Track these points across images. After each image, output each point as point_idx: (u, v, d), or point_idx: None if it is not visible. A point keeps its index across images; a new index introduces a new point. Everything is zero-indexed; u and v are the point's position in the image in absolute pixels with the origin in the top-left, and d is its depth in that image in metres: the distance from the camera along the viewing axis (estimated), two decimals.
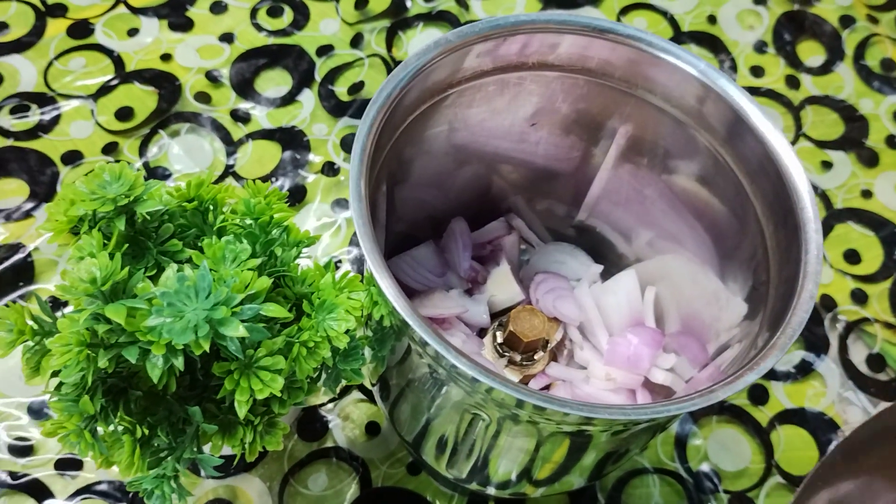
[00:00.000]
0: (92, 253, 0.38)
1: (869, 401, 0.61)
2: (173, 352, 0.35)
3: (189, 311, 0.34)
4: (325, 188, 0.66)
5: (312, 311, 0.41)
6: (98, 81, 0.69)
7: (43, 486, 0.53)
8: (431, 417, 0.45)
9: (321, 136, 0.68)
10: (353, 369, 0.44)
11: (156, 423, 0.41)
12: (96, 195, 0.39)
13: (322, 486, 0.55)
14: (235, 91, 0.70)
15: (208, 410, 0.42)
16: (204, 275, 0.35)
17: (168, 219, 0.42)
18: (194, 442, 0.42)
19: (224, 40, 0.73)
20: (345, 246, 0.64)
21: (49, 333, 0.41)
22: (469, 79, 0.45)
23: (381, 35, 0.74)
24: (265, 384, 0.38)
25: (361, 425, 0.57)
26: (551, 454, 0.43)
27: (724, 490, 0.57)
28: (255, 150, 0.67)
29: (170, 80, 0.70)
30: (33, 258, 0.61)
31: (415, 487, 0.55)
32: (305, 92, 0.71)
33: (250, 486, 0.54)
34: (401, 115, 0.43)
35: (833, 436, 0.59)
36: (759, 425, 0.59)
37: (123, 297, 0.37)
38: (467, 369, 0.34)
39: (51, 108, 0.68)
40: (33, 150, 0.66)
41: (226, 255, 0.38)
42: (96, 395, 0.39)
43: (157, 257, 0.41)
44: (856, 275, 0.66)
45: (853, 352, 0.63)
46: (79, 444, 0.40)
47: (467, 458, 0.46)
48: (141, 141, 0.67)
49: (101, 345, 0.37)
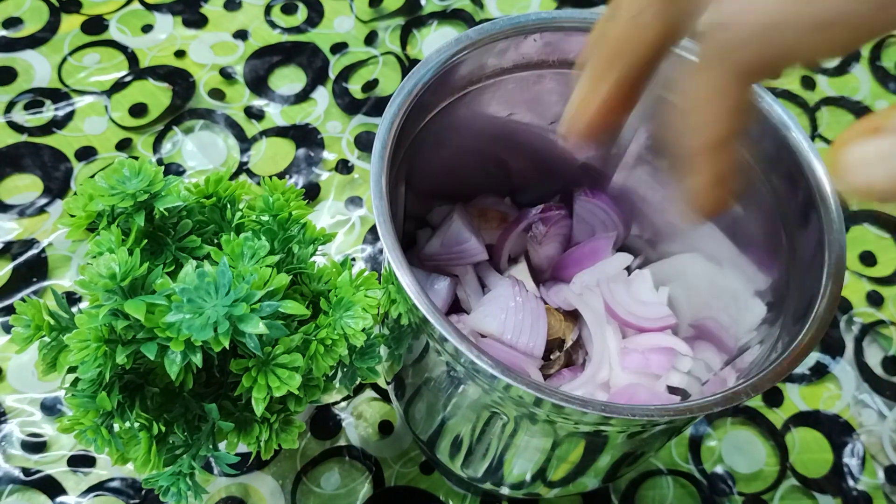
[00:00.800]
0: (111, 248, 0.38)
1: (885, 403, 0.60)
2: (192, 348, 0.35)
3: (209, 307, 0.34)
4: (339, 186, 0.66)
5: (329, 308, 0.40)
6: (112, 77, 0.69)
7: (56, 483, 0.53)
8: (447, 416, 0.45)
9: (335, 133, 0.68)
10: (370, 367, 0.44)
11: (172, 420, 0.41)
12: (116, 190, 0.38)
13: (335, 484, 0.54)
14: (249, 88, 0.70)
15: (224, 408, 0.42)
16: (224, 271, 0.35)
17: (186, 215, 0.42)
18: (210, 439, 0.42)
19: (238, 37, 0.73)
20: (358, 244, 0.63)
21: (66, 329, 0.41)
22: (489, 76, 0.44)
23: (396, 33, 0.74)
24: (283, 382, 0.38)
25: (375, 424, 0.57)
26: (567, 455, 0.43)
27: (738, 492, 0.56)
28: (269, 147, 0.67)
29: (184, 76, 0.70)
30: (47, 254, 0.61)
31: (428, 487, 0.55)
32: (319, 89, 0.70)
33: (263, 484, 0.54)
34: (420, 113, 0.43)
35: (848, 439, 0.59)
36: (773, 427, 0.59)
37: (142, 293, 0.37)
38: (487, 367, 0.34)
39: (65, 104, 0.68)
40: (47, 146, 0.66)
41: (244, 251, 0.38)
42: (113, 391, 0.39)
43: (176, 253, 0.41)
44: (872, 277, 0.65)
45: (869, 354, 0.62)
46: (95, 440, 0.40)
47: (483, 457, 0.46)
48: (155, 137, 0.67)
49: (119, 341, 0.37)
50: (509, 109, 0.47)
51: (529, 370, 0.47)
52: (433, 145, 0.46)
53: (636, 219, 0.54)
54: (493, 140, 0.50)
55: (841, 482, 0.57)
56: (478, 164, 0.52)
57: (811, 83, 0.75)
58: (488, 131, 0.48)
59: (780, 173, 0.43)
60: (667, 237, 0.53)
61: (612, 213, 0.53)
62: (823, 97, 0.74)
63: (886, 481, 0.58)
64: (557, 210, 0.53)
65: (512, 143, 0.50)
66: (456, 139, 0.47)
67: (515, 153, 0.51)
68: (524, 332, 0.47)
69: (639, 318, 0.50)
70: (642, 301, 0.50)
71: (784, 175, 0.42)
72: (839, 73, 0.76)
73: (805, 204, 0.41)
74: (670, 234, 0.52)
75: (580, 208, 0.53)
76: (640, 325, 0.50)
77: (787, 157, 0.42)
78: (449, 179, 0.51)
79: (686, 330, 0.52)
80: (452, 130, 0.46)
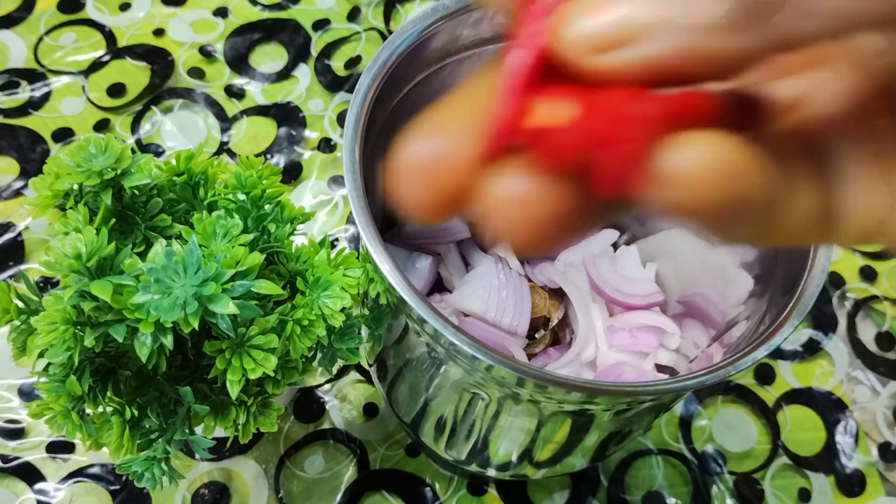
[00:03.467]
0: (77, 228, 0.37)
1: (878, 380, 0.59)
2: (162, 330, 0.34)
3: (177, 287, 0.33)
4: (322, 165, 0.64)
5: (307, 288, 0.39)
6: (89, 57, 0.68)
7: (34, 470, 0.52)
8: (430, 398, 0.44)
9: (317, 111, 0.67)
10: (349, 348, 0.43)
11: (146, 404, 0.40)
12: (82, 168, 0.37)
13: (319, 468, 0.54)
14: (230, 66, 0.68)
15: (200, 391, 0.41)
16: (192, 250, 0.34)
17: (157, 193, 0.41)
18: (186, 423, 0.41)
19: (218, 14, 0.71)
20: (342, 224, 0.62)
21: (35, 312, 0.40)
22: (468, 47, 0.43)
23: (379, 8, 0.73)
24: (258, 363, 0.37)
25: (359, 406, 0.56)
26: (553, 434, 0.42)
27: (729, 471, 0.56)
28: (250, 126, 0.66)
29: (162, 55, 0.68)
30: (23, 237, 0.60)
31: (413, 469, 0.54)
32: (301, 67, 0.69)
33: (245, 468, 0.53)
34: (397, 86, 0.41)
35: (841, 416, 0.58)
36: (765, 405, 0.58)
37: (110, 274, 0.36)
38: (467, 347, 0.33)
39: (41, 85, 0.66)
40: (23, 128, 0.64)
41: (216, 230, 0.37)
42: (84, 375, 0.38)
43: (146, 233, 0.39)
44: (864, 251, 0.64)
45: (862, 330, 0.61)
46: (66, 425, 0.39)
47: (467, 438, 0.45)
48: (133, 118, 0.65)
49: (87, 323, 0.36)
50: None
51: (513, 349, 0.46)
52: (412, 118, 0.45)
53: None
54: None
55: (834, 460, 0.57)
56: None
57: None
58: None
59: None
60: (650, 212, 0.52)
61: None
62: None
63: (880, 458, 0.57)
64: None
65: None
66: None
67: None
68: (508, 310, 0.46)
69: (626, 295, 0.49)
70: (629, 278, 0.49)
71: None
72: None
73: None
74: None
75: None
76: (628, 302, 0.49)
77: None
78: None
79: (674, 307, 0.51)
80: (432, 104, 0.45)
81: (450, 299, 0.48)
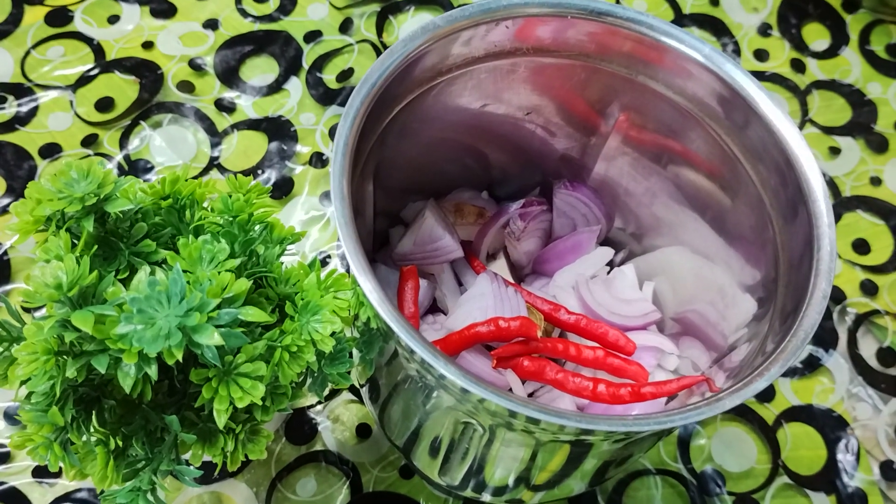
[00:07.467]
0: (59, 255, 0.36)
1: (879, 397, 0.59)
2: (146, 360, 0.33)
3: (161, 317, 0.32)
4: (314, 180, 0.63)
5: (296, 313, 0.38)
6: (77, 71, 0.67)
7: (20, 495, 0.51)
8: (422, 422, 0.43)
9: (309, 125, 0.66)
10: (340, 373, 0.42)
11: (131, 434, 0.39)
12: (63, 194, 0.36)
13: (311, 491, 0.52)
14: (220, 79, 0.67)
15: (187, 418, 0.40)
16: (176, 279, 0.33)
17: (141, 218, 0.40)
18: (172, 452, 0.40)
19: (208, 27, 0.70)
20: (334, 241, 0.61)
21: (18, 339, 0.39)
22: (459, 66, 0.42)
23: (371, 20, 0.72)
24: (245, 392, 0.36)
25: (352, 427, 0.55)
26: (549, 462, 0.41)
27: (728, 492, 0.55)
28: (241, 140, 0.65)
29: (152, 68, 0.67)
30: (9, 256, 0.59)
31: (407, 492, 0.53)
32: (293, 80, 0.68)
33: (236, 491, 0.52)
34: (387, 106, 0.40)
35: (842, 434, 0.57)
36: (765, 423, 0.57)
37: (93, 303, 0.35)
38: (457, 379, 0.32)
39: (28, 100, 0.65)
40: (10, 144, 0.63)
41: (203, 255, 0.36)
42: (67, 405, 0.37)
43: (130, 258, 0.38)
44: (865, 265, 0.64)
45: (863, 346, 0.60)
46: (48, 456, 0.38)
47: (460, 464, 0.44)
48: (122, 133, 0.64)
49: (69, 353, 0.35)
50: (482, 100, 0.45)
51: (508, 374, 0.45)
52: (403, 138, 0.44)
53: (619, 211, 0.52)
54: (468, 132, 0.47)
55: (835, 479, 0.56)
56: (452, 158, 0.50)
57: (801, 66, 0.73)
58: (462, 123, 0.46)
59: (767, 164, 0.41)
60: (652, 230, 0.51)
61: (593, 206, 0.51)
62: (814, 80, 0.72)
63: (882, 477, 0.56)
64: (538, 205, 0.51)
65: (487, 134, 0.48)
66: (427, 132, 0.45)
67: (491, 145, 0.49)
68: None
69: (622, 317, 0.48)
70: (624, 299, 0.49)
71: (771, 166, 0.40)
72: (829, 55, 0.74)
73: (793, 196, 0.39)
74: (655, 227, 0.50)
75: (560, 201, 0.51)
76: (625, 323, 0.48)
77: (773, 146, 0.40)
78: (422, 174, 0.49)
79: (671, 325, 0.50)
80: (423, 122, 0.44)
81: (444, 322, 0.47)
